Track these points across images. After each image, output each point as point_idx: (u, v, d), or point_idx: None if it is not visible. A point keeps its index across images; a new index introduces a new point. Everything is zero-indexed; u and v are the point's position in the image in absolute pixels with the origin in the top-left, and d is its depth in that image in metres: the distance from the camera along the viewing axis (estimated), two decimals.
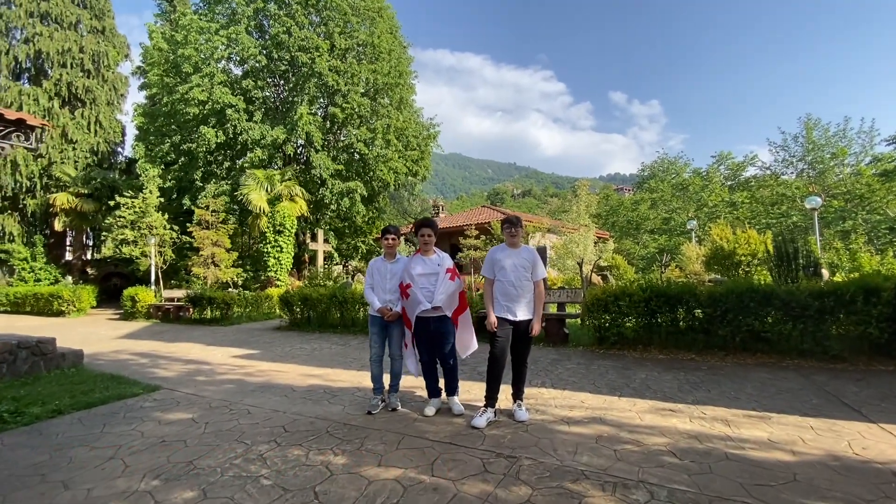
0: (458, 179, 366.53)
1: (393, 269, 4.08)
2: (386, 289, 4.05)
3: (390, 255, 4.14)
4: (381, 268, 4.11)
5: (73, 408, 4.25)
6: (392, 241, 4.11)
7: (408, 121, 21.23)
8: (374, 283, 4.11)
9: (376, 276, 4.11)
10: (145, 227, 16.61)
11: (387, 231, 4.14)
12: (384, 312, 3.96)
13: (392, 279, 4.06)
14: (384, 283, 4.06)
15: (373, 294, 4.08)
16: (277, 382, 5.21)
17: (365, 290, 4.16)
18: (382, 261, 4.15)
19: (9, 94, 20.23)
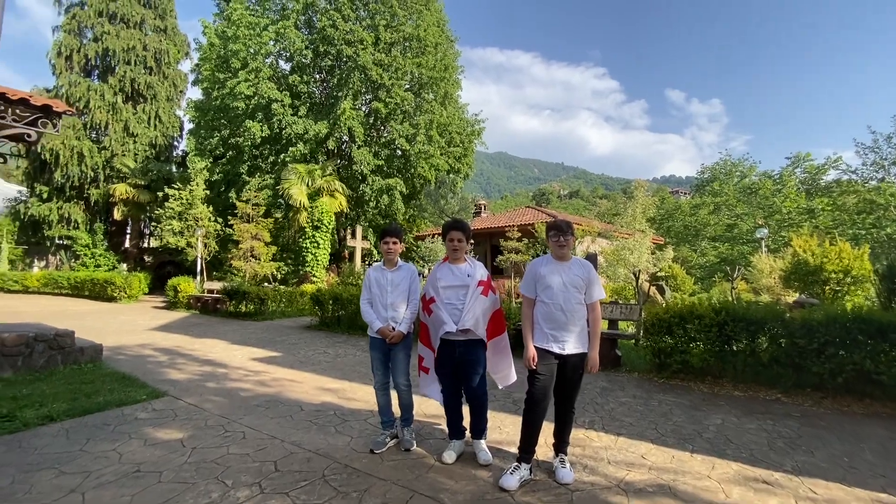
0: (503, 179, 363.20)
1: (395, 280, 3.40)
2: (387, 304, 3.37)
3: (390, 263, 3.46)
4: (380, 278, 3.42)
5: (66, 414, 3.91)
6: (393, 247, 3.42)
7: (452, 116, 20.60)
8: (373, 297, 3.44)
9: (374, 288, 3.43)
10: (191, 218, 17.01)
11: (386, 233, 3.44)
12: (386, 334, 3.29)
13: (394, 291, 3.38)
14: (384, 297, 3.38)
15: (371, 311, 3.41)
16: (287, 396, 4.69)
17: (361, 305, 3.49)
18: (381, 269, 3.46)
19: (78, 89, 21.49)
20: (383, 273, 3.42)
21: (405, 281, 3.37)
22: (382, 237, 3.45)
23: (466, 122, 22.33)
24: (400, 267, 3.44)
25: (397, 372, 3.35)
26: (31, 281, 19.28)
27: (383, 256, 3.50)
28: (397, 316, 3.34)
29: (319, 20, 17.97)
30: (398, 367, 3.35)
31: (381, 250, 3.48)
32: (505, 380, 3.39)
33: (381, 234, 3.47)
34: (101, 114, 21.86)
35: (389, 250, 3.41)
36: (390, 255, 3.43)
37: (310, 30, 19.35)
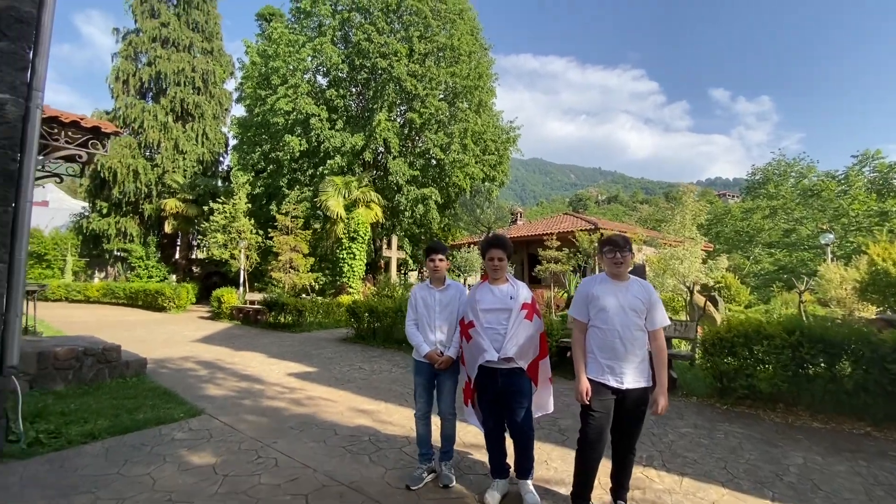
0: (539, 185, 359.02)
1: (443, 300, 3.17)
2: (434, 326, 3.14)
3: (438, 281, 3.24)
4: (428, 297, 3.21)
5: (108, 432, 3.92)
6: (440, 264, 3.19)
7: (486, 124, 20.41)
8: (419, 317, 3.23)
9: (421, 308, 3.21)
10: (234, 231, 17.59)
11: (433, 250, 3.22)
12: (433, 359, 3.06)
13: (442, 312, 3.15)
14: (431, 319, 3.16)
15: (417, 333, 3.19)
16: (322, 418, 4.55)
17: (407, 327, 3.29)
18: (428, 288, 3.24)
19: (134, 110, 22.87)
20: (430, 292, 3.20)
21: (454, 301, 3.13)
22: (428, 254, 3.24)
23: (501, 130, 22.07)
24: (448, 286, 3.21)
25: (443, 400, 3.12)
26: (91, 291, 20.53)
27: (429, 274, 3.29)
28: (445, 339, 3.11)
29: (355, 34, 18.32)
30: (444, 394, 3.11)
31: (427, 268, 3.27)
32: (542, 408, 3.08)
33: (427, 252, 3.26)
34: (154, 133, 23.16)
35: (436, 268, 3.19)
36: (437, 273, 3.21)
37: (346, 44, 19.77)
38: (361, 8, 18.82)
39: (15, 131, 3.52)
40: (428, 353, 3.08)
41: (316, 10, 18.93)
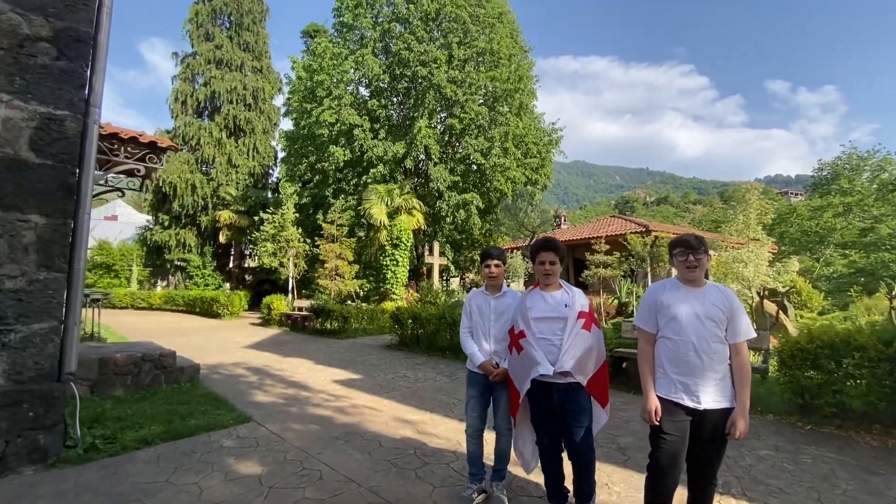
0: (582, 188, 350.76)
1: (499, 308, 2.96)
2: (490, 335, 2.94)
3: (494, 288, 3.03)
4: (483, 305, 3.01)
5: (161, 438, 3.99)
6: (495, 270, 2.99)
7: (527, 127, 20.04)
8: (474, 326, 3.03)
9: (476, 316, 3.02)
10: (283, 240, 18.20)
11: (487, 255, 3.02)
12: (488, 370, 2.86)
13: (498, 321, 2.94)
14: (487, 327, 2.96)
15: (472, 342, 3.00)
16: (366, 428, 4.44)
17: (461, 335, 3.10)
18: (483, 295, 3.05)
19: (191, 128, 24.34)
20: (486, 300, 3.01)
21: (510, 309, 2.91)
22: (483, 259, 3.04)
23: (543, 132, 21.61)
24: (504, 293, 3.01)
25: (499, 414, 2.91)
26: (154, 299, 21.89)
27: (485, 281, 3.09)
28: (501, 349, 2.89)
29: (395, 44, 18.57)
30: (501, 408, 2.90)
31: (482, 274, 3.08)
32: (597, 423, 2.77)
33: (482, 256, 3.07)
34: (209, 149, 24.53)
35: (491, 274, 2.99)
36: (493, 280, 3.01)
37: (386, 55, 20.08)
38: (401, 18, 19.07)
39: (74, 146, 3.67)
40: (482, 364, 2.88)
41: (358, 23, 19.38)
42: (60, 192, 3.58)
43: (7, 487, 3.01)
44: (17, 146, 3.40)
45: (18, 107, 3.41)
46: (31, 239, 3.42)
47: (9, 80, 3.38)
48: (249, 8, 26.74)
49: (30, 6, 3.48)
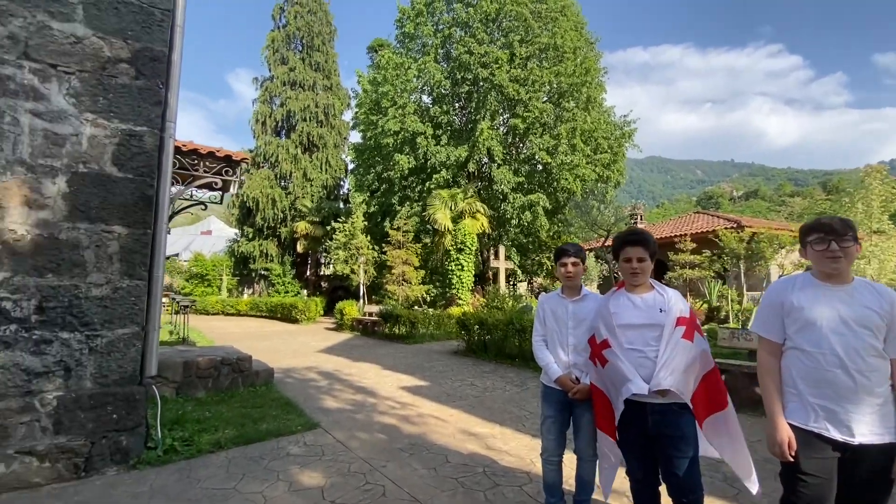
0: (658, 185, 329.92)
1: (578, 313, 2.57)
2: (567, 344, 2.56)
3: (572, 290, 2.65)
4: (559, 309, 2.64)
5: (233, 442, 4.05)
6: (572, 269, 2.61)
7: (596, 121, 18.96)
8: (548, 333, 2.67)
9: (550, 322, 2.66)
10: (353, 248, 18.80)
11: (563, 252, 2.65)
12: (566, 385, 2.48)
13: (578, 328, 2.55)
14: (564, 336, 2.58)
15: (546, 353, 2.64)
16: (432, 440, 4.19)
17: (534, 344, 2.74)
18: (559, 298, 2.68)
19: (271, 147, 26.17)
20: (562, 304, 2.65)
21: (592, 314, 2.53)
22: (558, 257, 2.69)
23: (614, 126, 20.35)
24: (584, 296, 2.63)
25: (581, 436, 2.52)
26: (241, 306, 23.70)
27: (562, 281, 2.72)
28: (582, 361, 2.52)
29: (455, 49, 18.53)
30: (583, 431, 2.51)
31: (558, 275, 2.72)
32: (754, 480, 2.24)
33: (557, 254, 2.71)
34: (286, 165, 26.21)
35: (568, 273, 2.62)
36: (570, 280, 2.64)
37: (447, 61, 20.12)
38: (461, 23, 19.02)
39: (152, 160, 3.85)
40: (560, 378, 2.51)
41: (419, 31, 19.64)
42: (140, 203, 3.77)
43: (90, 488, 3.15)
44: (102, 162, 3.62)
45: (102, 125, 3.64)
46: (115, 249, 3.62)
47: (93, 100, 3.61)
48: (319, 30, 28.33)
49: (110, 30, 3.72)
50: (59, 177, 3.46)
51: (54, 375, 3.32)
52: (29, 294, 3.29)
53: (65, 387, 3.35)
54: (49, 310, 3.34)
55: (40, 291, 3.32)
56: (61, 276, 3.41)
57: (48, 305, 3.34)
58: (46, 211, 3.40)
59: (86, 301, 3.47)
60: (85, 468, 3.34)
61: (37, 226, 3.35)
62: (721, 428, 2.20)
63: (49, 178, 3.42)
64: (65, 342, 3.38)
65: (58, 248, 3.41)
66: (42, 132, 3.42)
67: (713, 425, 2.19)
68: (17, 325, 3.23)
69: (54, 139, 3.46)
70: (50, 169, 3.43)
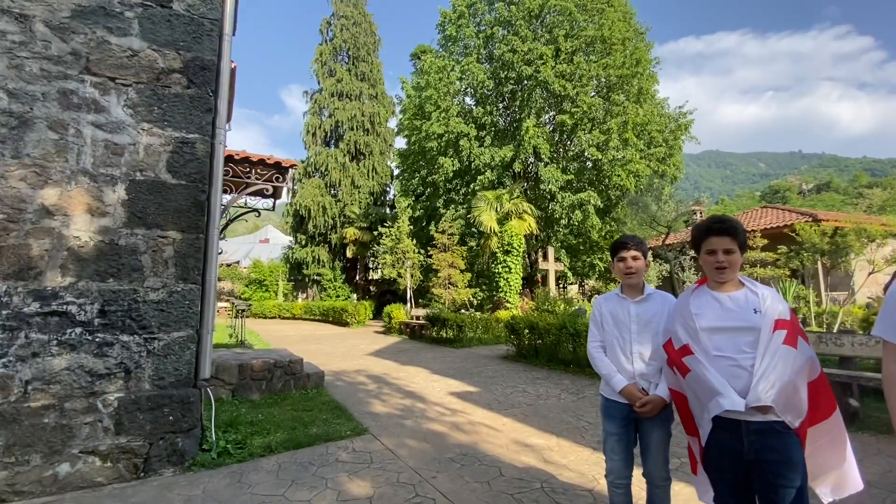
0: (716, 180, 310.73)
1: (642, 314, 2.26)
2: (631, 351, 2.25)
3: (633, 289, 2.34)
4: (619, 312, 2.33)
5: (283, 446, 4.03)
6: (633, 263, 2.29)
7: (649, 114, 17.98)
8: (607, 339, 2.37)
9: (609, 326, 2.35)
10: (400, 252, 18.94)
11: (621, 246, 2.34)
12: (633, 396, 2.18)
13: (643, 333, 2.25)
14: (626, 342, 2.27)
15: (606, 361, 2.34)
16: (484, 450, 3.96)
17: (590, 351, 2.43)
18: (619, 299, 2.37)
19: (321, 157, 27.07)
20: (622, 304, 2.34)
21: (659, 317, 2.22)
22: (615, 252, 2.38)
23: (668, 118, 19.24)
24: (650, 296, 2.31)
25: (651, 458, 2.20)
26: (295, 309, 24.59)
27: (620, 278, 2.41)
28: (649, 371, 2.21)
29: (498, 48, 18.26)
30: (653, 452, 2.19)
31: (616, 272, 2.41)
32: (840, 488, 1.88)
33: (614, 248, 2.39)
34: (335, 173, 27.00)
35: (629, 269, 2.31)
36: (631, 277, 2.33)
37: (490, 61, 19.90)
38: (503, 21, 18.75)
39: (203, 166, 3.92)
40: (625, 389, 2.20)
41: (461, 33, 19.57)
42: (193, 209, 3.84)
43: (147, 489, 3.20)
44: (157, 169, 3.72)
45: (157, 133, 3.74)
46: (170, 253, 3.70)
47: (149, 110, 3.73)
48: (364, 41, 29.06)
49: (163, 42, 3.83)
50: (119, 185, 3.58)
51: (115, 377, 3.43)
52: (92, 298, 3.41)
53: (125, 388, 3.45)
54: (110, 313, 3.45)
55: (102, 296, 3.45)
56: (121, 281, 3.52)
57: (109, 309, 3.46)
58: (107, 218, 3.52)
59: (143, 305, 3.56)
60: (143, 469, 3.41)
61: (98, 232, 3.48)
62: (821, 437, 1.84)
63: (109, 187, 3.55)
64: (125, 345, 3.48)
65: (117, 254, 3.53)
66: (103, 142, 3.56)
67: (814, 436, 1.83)
68: (81, 329, 3.36)
69: (114, 149, 3.59)
70: (110, 178, 3.56)
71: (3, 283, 3.18)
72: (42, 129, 3.39)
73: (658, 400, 2.14)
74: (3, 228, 3.21)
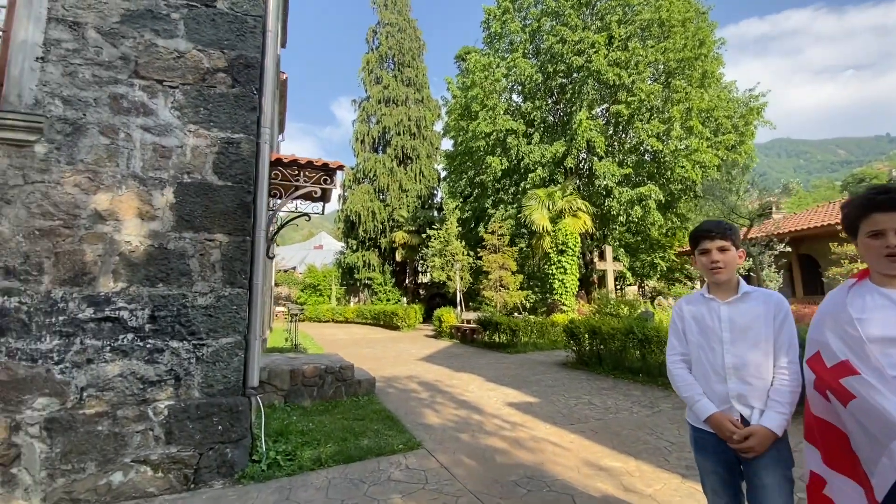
0: (788, 171, 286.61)
1: (738, 319, 1.78)
2: (724, 367, 1.77)
3: (722, 287, 1.85)
4: (706, 316, 1.85)
5: (333, 459, 3.80)
6: (719, 256, 1.80)
7: (716, 99, 16.57)
8: (692, 350, 1.89)
9: (694, 334, 1.88)
10: (448, 254, 18.69)
11: (704, 235, 1.84)
12: (724, 427, 1.70)
13: (739, 342, 1.76)
14: (717, 354, 1.79)
15: (689, 378, 1.87)
16: (552, 472, 3.52)
17: (671, 367, 1.95)
18: (705, 300, 1.89)
19: (369, 163, 27.50)
20: (709, 306, 1.86)
21: (762, 321, 1.73)
22: (696, 242, 1.88)
23: (737, 102, 17.65)
24: (747, 294, 1.81)
25: None
26: (348, 313, 25.05)
27: (706, 275, 1.90)
28: (750, 393, 1.72)
29: (546, 41, 17.60)
30: (768, 498, 1.68)
31: (699, 268, 1.91)
32: None
33: (694, 239, 1.90)
34: (384, 178, 27.32)
35: (714, 264, 1.82)
36: (719, 274, 1.82)
37: (537, 55, 19.25)
38: (550, 12, 18.07)
39: (249, 167, 3.80)
40: (713, 418, 1.72)
41: (506, 29, 19.09)
42: (240, 211, 3.72)
43: (197, 501, 3.06)
44: (204, 171, 3.63)
45: (203, 135, 3.66)
46: (217, 257, 3.59)
47: (195, 111, 3.65)
48: (409, 46, 29.27)
49: (208, 41, 3.75)
50: (167, 188, 3.52)
51: (166, 384, 3.34)
52: (143, 303, 3.35)
53: (175, 396, 3.35)
54: (160, 319, 3.38)
55: (152, 301, 3.38)
56: (170, 286, 3.44)
57: (159, 315, 3.38)
58: (156, 222, 3.46)
59: (192, 310, 3.47)
60: (194, 480, 3.29)
61: (148, 236, 3.43)
62: None
63: (158, 190, 3.49)
64: (174, 351, 3.39)
65: (166, 258, 3.45)
66: (151, 146, 3.52)
67: None
68: (133, 335, 3.30)
69: (162, 152, 3.54)
70: (159, 181, 3.50)
71: (60, 288, 3.17)
72: (94, 135, 3.38)
73: (763, 433, 1.63)
74: (59, 234, 3.21)
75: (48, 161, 3.24)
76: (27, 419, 2.98)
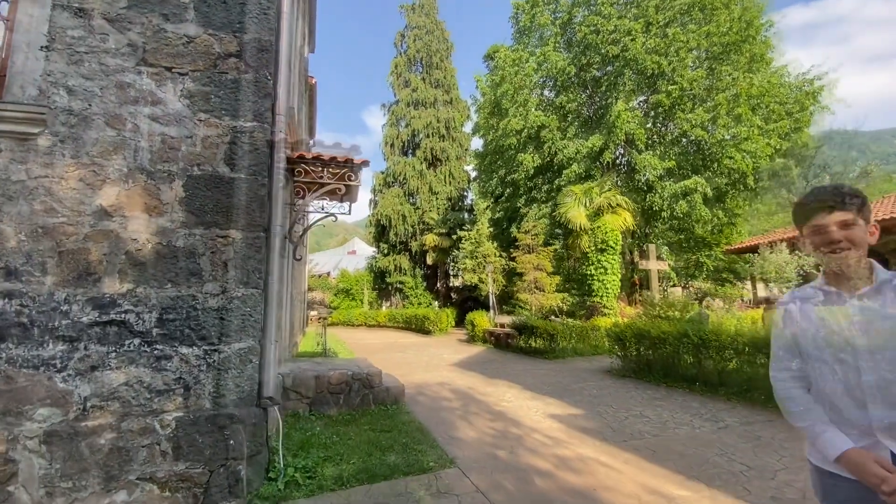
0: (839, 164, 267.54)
1: (875, 318, 1.25)
2: (858, 387, 1.26)
3: (849, 278, 1.32)
4: (827, 319, 1.33)
5: (357, 478, 3.43)
6: (842, 233, 1.29)
7: (767, 84, 15.35)
8: (812, 364, 1.37)
9: (809, 344, 1.37)
10: (480, 256, 18.20)
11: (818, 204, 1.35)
12: (869, 472, 1.17)
13: (882, 350, 1.22)
14: (847, 368, 1.28)
15: (809, 402, 1.37)
16: (605, 499, 3.00)
17: (776, 384, 1.46)
18: (824, 295, 1.38)
19: (399, 166, 27.42)
20: (834, 304, 1.36)
21: None
22: (805, 216, 1.39)
23: (791, 87, 16.32)
24: (886, 283, 1.30)
25: None
26: (380, 317, 24.94)
27: (826, 265, 1.39)
28: None
29: (578, 31, 16.88)
30: None
31: (812, 251, 1.40)
32: None
33: (802, 211, 1.41)
34: (414, 181, 27.16)
35: (834, 243, 1.32)
36: (842, 259, 1.31)
37: (568, 48, 18.54)
38: (582, 2, 17.36)
39: (263, 157, 3.50)
40: (850, 457, 1.23)
41: (535, 22, 18.50)
42: (253, 205, 3.43)
43: None
44: (215, 162, 3.36)
45: (214, 124, 3.39)
46: (230, 255, 3.30)
47: (205, 99, 3.39)
48: (437, 48, 29.09)
49: (219, 25, 3.49)
50: (176, 181, 3.26)
51: (174, 394, 3.06)
52: (150, 306, 3.09)
53: (184, 406, 3.07)
54: (168, 322, 3.11)
55: (160, 303, 3.11)
56: (179, 287, 3.17)
57: (168, 318, 3.11)
58: (165, 218, 3.21)
59: (202, 312, 3.18)
60: (203, 500, 2.98)
61: (156, 234, 3.17)
62: None
63: (167, 183, 3.24)
64: (184, 357, 3.11)
65: (175, 257, 3.19)
66: (160, 136, 3.27)
67: None
68: (139, 339, 3.04)
69: (170, 143, 3.29)
70: (167, 174, 3.25)
71: (63, 290, 2.95)
72: (100, 126, 3.16)
73: None
74: (63, 232, 3.00)
75: (52, 154, 3.05)
76: (26, 432, 2.76)
